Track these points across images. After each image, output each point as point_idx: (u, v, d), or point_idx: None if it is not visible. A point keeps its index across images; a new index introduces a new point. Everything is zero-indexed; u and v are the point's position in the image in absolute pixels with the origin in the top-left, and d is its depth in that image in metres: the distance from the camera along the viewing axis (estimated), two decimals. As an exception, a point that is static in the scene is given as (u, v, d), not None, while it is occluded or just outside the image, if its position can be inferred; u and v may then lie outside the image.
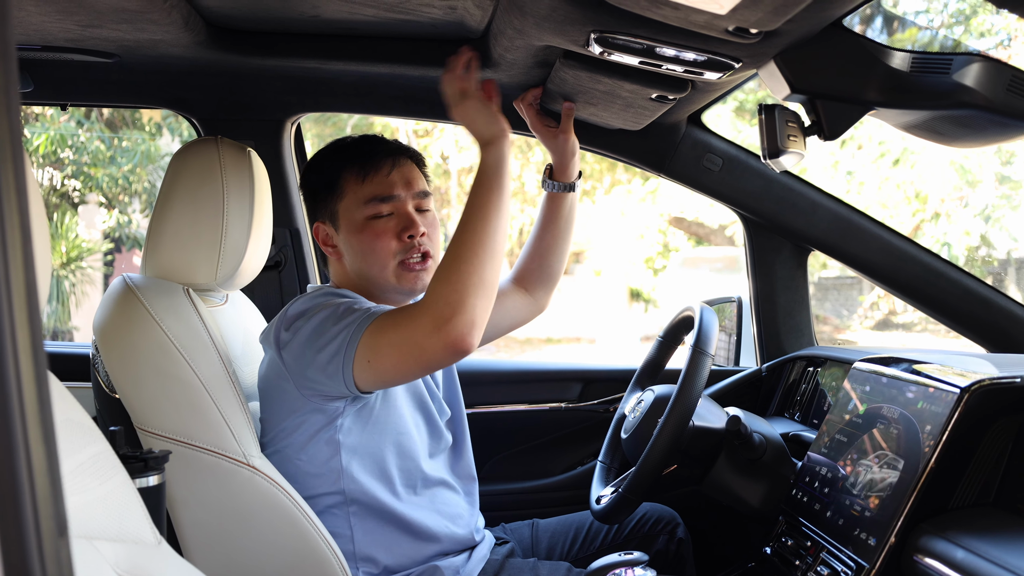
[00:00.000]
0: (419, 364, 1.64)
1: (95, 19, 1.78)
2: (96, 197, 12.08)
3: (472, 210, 1.67)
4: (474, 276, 1.60)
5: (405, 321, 1.61)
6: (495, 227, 1.66)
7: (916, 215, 12.04)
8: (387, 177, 1.85)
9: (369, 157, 1.86)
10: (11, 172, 0.53)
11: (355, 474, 1.78)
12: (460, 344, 1.57)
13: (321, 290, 1.85)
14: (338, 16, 1.88)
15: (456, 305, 1.57)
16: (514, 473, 2.65)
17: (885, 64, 1.58)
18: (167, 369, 1.69)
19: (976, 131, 1.64)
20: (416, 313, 1.60)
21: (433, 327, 1.57)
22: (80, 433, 1.15)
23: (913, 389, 1.64)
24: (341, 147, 1.91)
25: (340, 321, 1.67)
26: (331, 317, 1.68)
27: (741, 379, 2.59)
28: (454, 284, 1.58)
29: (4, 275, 0.52)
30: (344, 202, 1.85)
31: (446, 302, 1.57)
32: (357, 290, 1.87)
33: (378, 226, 1.83)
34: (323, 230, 1.90)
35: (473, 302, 1.58)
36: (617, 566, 1.61)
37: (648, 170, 2.49)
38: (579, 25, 1.58)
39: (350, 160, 1.87)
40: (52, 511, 0.55)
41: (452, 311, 1.57)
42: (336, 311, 1.69)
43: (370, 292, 1.87)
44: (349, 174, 1.85)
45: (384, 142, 1.91)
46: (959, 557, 1.35)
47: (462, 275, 1.59)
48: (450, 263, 1.62)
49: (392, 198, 1.84)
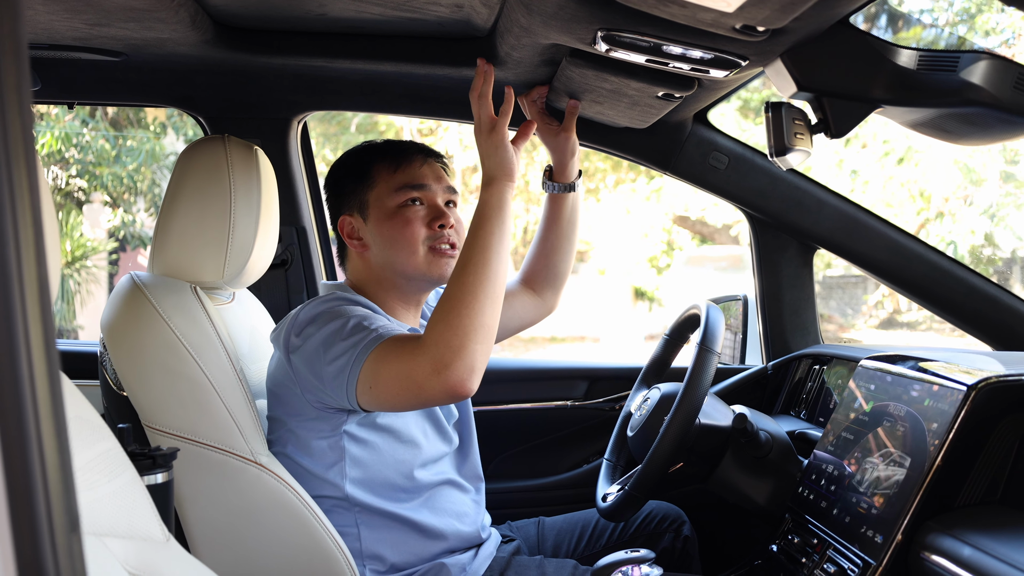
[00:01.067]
0: (417, 401, 1.64)
1: (103, 18, 1.79)
2: (101, 196, 12.10)
3: (471, 251, 1.66)
4: (474, 320, 1.59)
5: (406, 357, 1.60)
6: (494, 269, 1.65)
7: (920, 214, 12.03)
8: (419, 169, 1.89)
9: (401, 152, 1.91)
10: (24, 170, 0.53)
11: (359, 480, 1.78)
12: (459, 389, 1.57)
13: (334, 293, 1.84)
14: (344, 14, 1.88)
15: (457, 350, 1.56)
16: (520, 471, 2.65)
17: (892, 62, 1.58)
18: (175, 367, 1.69)
19: (983, 129, 1.64)
20: (417, 352, 1.59)
21: (432, 370, 1.56)
22: (89, 430, 1.15)
23: (919, 387, 1.64)
24: (372, 145, 1.96)
25: (348, 338, 1.66)
26: (340, 332, 1.67)
27: (747, 377, 2.59)
28: (454, 328, 1.57)
29: (17, 273, 0.52)
30: (376, 191, 1.87)
31: (447, 346, 1.56)
32: (380, 284, 1.88)
33: (409, 213, 1.85)
34: (349, 223, 1.90)
35: (473, 347, 1.58)
36: (623, 564, 1.61)
37: (654, 168, 2.49)
38: (586, 23, 1.58)
39: (382, 153, 1.91)
40: (64, 507, 0.56)
41: (452, 356, 1.56)
42: (345, 325, 1.68)
43: (395, 283, 1.88)
44: (381, 164, 1.89)
45: (415, 142, 1.96)
46: (966, 554, 1.35)
47: (462, 319, 1.58)
48: (450, 305, 1.61)
49: (423, 187, 1.87)
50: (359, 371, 1.62)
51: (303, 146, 2.59)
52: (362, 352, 1.62)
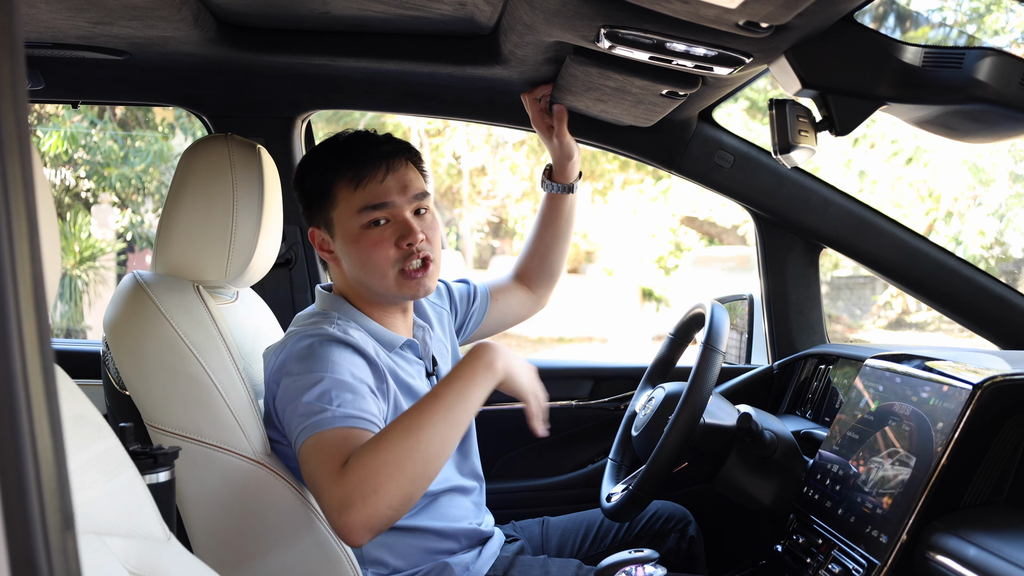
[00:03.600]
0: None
1: (105, 16, 1.79)
2: (109, 197, 12.13)
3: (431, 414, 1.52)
4: (401, 490, 1.46)
5: (325, 475, 1.49)
6: (443, 443, 1.52)
7: (929, 214, 12.00)
8: (381, 184, 1.76)
9: (362, 162, 1.77)
10: (18, 166, 0.53)
11: None
12: (348, 538, 1.46)
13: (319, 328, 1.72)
14: (348, 12, 1.88)
15: (367, 505, 1.43)
16: (525, 471, 2.64)
17: (897, 59, 1.58)
18: (177, 366, 1.69)
19: (988, 126, 1.63)
20: (334, 480, 1.47)
21: (337, 506, 1.45)
22: (90, 429, 1.15)
23: (925, 386, 1.63)
24: (332, 149, 1.83)
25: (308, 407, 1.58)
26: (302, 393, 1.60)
27: (752, 377, 2.58)
28: (378, 482, 1.44)
29: (11, 268, 0.52)
30: (338, 211, 1.78)
31: (360, 495, 1.44)
32: (358, 296, 1.84)
33: (374, 235, 1.76)
34: (319, 235, 1.84)
35: (383, 512, 1.45)
36: (627, 563, 1.61)
37: (659, 167, 2.48)
38: (589, 20, 1.57)
39: (343, 166, 1.78)
40: (59, 504, 0.55)
41: (359, 507, 1.43)
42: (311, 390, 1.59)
43: (371, 299, 1.83)
44: (342, 181, 1.77)
45: (376, 142, 1.81)
46: (971, 554, 1.34)
47: (391, 479, 1.45)
48: (383, 459, 1.46)
49: (387, 205, 1.76)
50: (300, 444, 1.56)
51: (307, 145, 2.59)
52: (309, 428, 1.55)
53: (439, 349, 1.99)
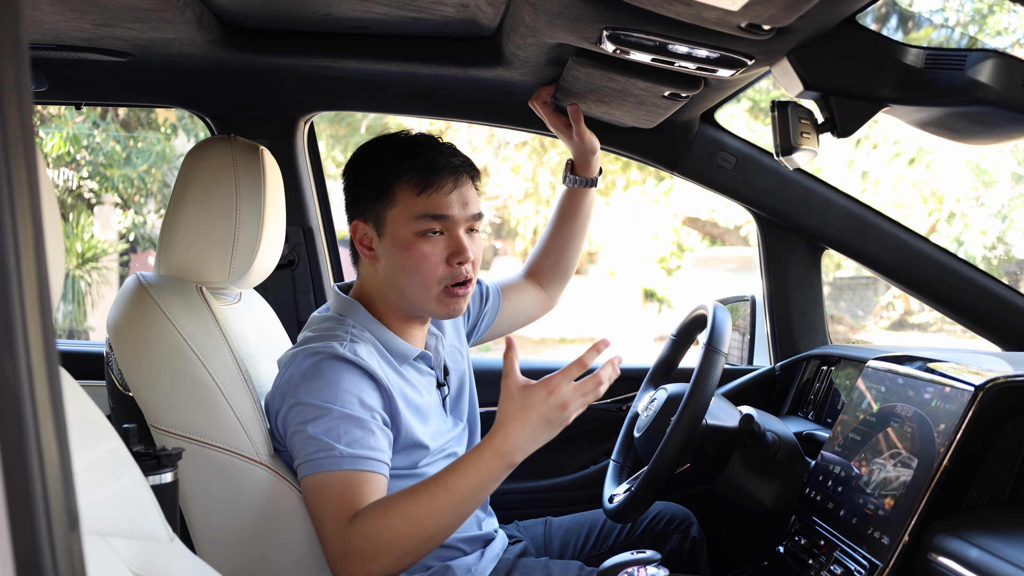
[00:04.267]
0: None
1: (109, 18, 1.79)
2: (112, 198, 12.13)
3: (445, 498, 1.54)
4: (401, 559, 1.52)
5: (329, 525, 1.54)
6: (452, 523, 1.56)
7: (932, 215, 11.98)
8: (447, 196, 1.72)
9: (432, 170, 1.73)
10: (23, 169, 0.53)
11: None
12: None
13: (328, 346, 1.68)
14: (350, 14, 1.88)
15: (368, 565, 1.50)
16: (527, 472, 2.63)
17: (899, 60, 1.58)
18: (180, 367, 1.69)
19: (990, 128, 1.63)
20: (339, 532, 1.53)
21: (339, 558, 1.51)
22: (93, 430, 1.15)
23: (927, 388, 1.63)
24: (399, 146, 1.79)
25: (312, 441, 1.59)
26: (307, 423, 1.61)
27: (755, 378, 2.58)
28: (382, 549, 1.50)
29: (16, 270, 0.52)
30: (394, 211, 1.73)
31: (362, 556, 1.50)
32: (387, 300, 1.79)
33: (427, 246, 1.72)
34: (363, 230, 1.79)
35: (382, 573, 1.52)
36: (629, 565, 1.60)
37: (661, 168, 2.48)
38: (591, 22, 1.58)
39: (411, 168, 1.74)
40: (64, 505, 0.55)
41: (361, 564, 1.50)
42: (316, 422, 1.60)
43: (399, 305, 1.79)
44: (407, 183, 1.73)
45: (447, 153, 1.77)
46: (973, 556, 1.34)
47: (395, 549, 1.51)
48: (394, 528, 1.51)
49: (447, 218, 1.72)
50: (304, 475, 1.60)
51: (310, 146, 2.59)
52: (315, 464, 1.58)
53: (452, 355, 1.98)
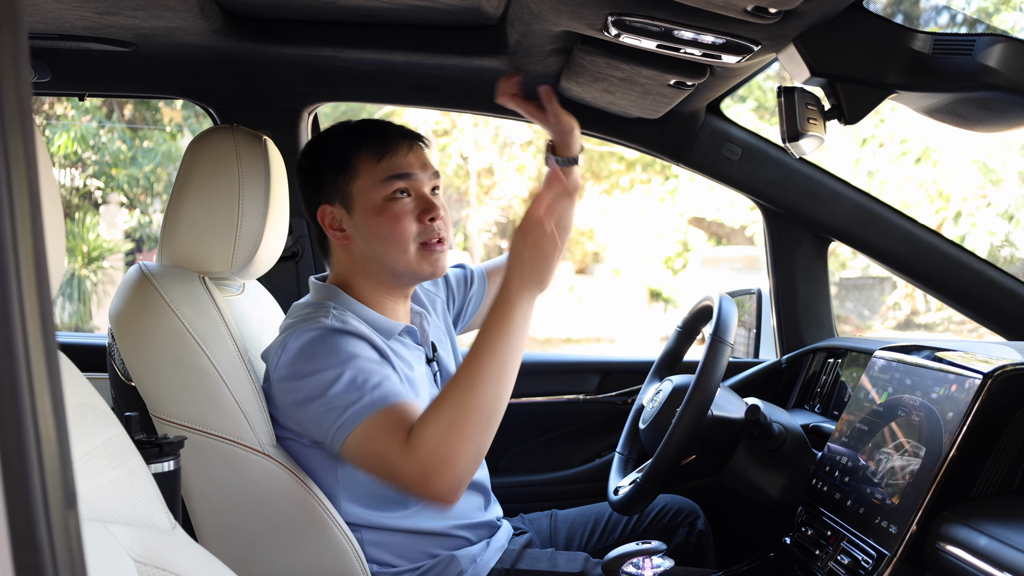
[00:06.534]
0: (394, 489, 1.61)
1: (111, 6, 1.78)
2: (117, 197, 12.18)
3: (481, 368, 1.54)
4: (473, 445, 1.51)
5: (394, 454, 1.52)
6: (503, 390, 1.55)
7: (939, 213, 11.97)
8: (405, 157, 1.78)
9: (386, 137, 1.80)
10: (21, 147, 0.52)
11: (359, 485, 1.75)
12: (439, 502, 1.52)
13: (317, 323, 1.69)
14: (354, 3, 1.88)
15: (448, 467, 1.49)
16: (533, 465, 2.64)
17: (906, 46, 1.56)
18: (183, 357, 1.68)
19: (999, 114, 1.61)
20: (405, 454, 1.51)
21: (417, 480, 1.50)
22: (95, 417, 1.14)
23: (934, 377, 1.61)
24: (350, 127, 1.85)
25: (340, 397, 1.59)
26: (332, 385, 1.60)
27: (761, 371, 2.57)
28: (450, 445, 1.49)
29: (13, 247, 0.51)
30: (359, 182, 1.77)
31: (437, 462, 1.49)
32: (367, 278, 1.81)
33: (397, 207, 1.75)
34: (331, 213, 1.80)
35: (464, 466, 1.50)
36: (634, 555, 1.60)
37: (666, 159, 2.47)
38: (596, 8, 1.57)
39: (366, 139, 1.79)
40: (61, 482, 0.54)
41: (441, 471, 1.49)
42: (338, 379, 1.60)
43: (381, 278, 1.81)
44: (364, 153, 1.77)
45: (397, 125, 1.85)
46: (982, 544, 1.33)
47: (461, 438, 1.50)
48: (448, 420, 1.51)
49: (411, 176, 1.77)
50: (345, 436, 1.57)
51: (314, 138, 2.58)
52: (351, 419, 1.57)
53: (437, 335, 1.98)
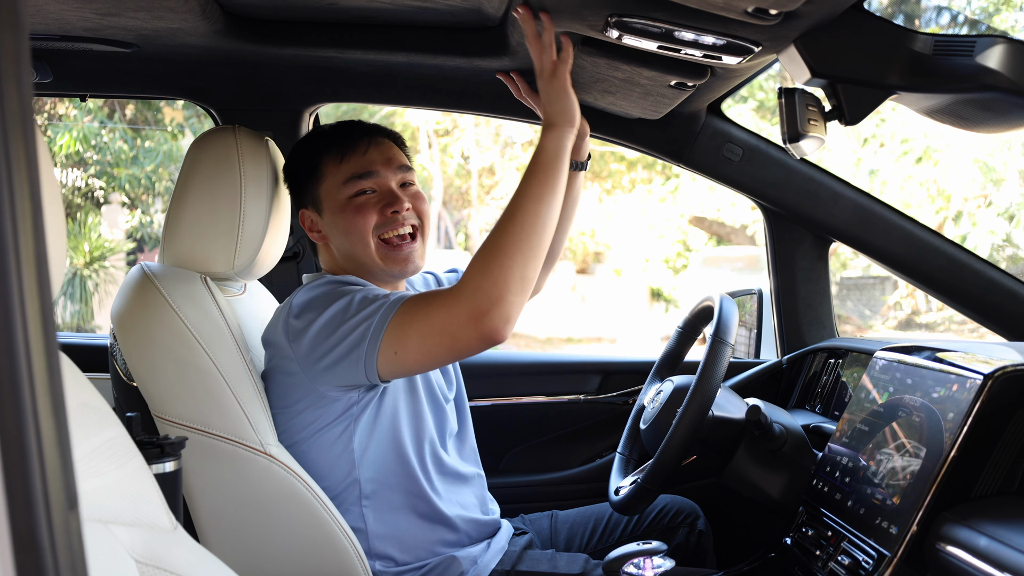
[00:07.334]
0: (449, 353, 1.62)
1: (113, 7, 1.78)
2: (119, 197, 12.17)
3: (522, 199, 1.62)
4: (516, 272, 1.56)
5: (439, 309, 1.58)
6: (545, 220, 1.61)
7: (939, 213, 11.96)
8: (365, 155, 1.84)
9: (345, 137, 1.86)
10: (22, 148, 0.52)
11: (371, 458, 1.77)
12: (495, 336, 1.56)
13: (322, 278, 1.81)
14: (356, 4, 1.88)
15: (495, 300, 1.54)
16: (533, 465, 2.64)
17: (907, 47, 1.56)
18: (184, 357, 1.69)
19: (1000, 115, 1.61)
20: (451, 302, 1.57)
21: (469, 319, 1.54)
22: (96, 417, 1.14)
23: (935, 377, 1.61)
24: (319, 133, 1.91)
25: (359, 312, 1.63)
26: (346, 307, 1.65)
27: (762, 371, 2.57)
28: (495, 279, 1.55)
29: (14, 246, 0.51)
30: (325, 185, 1.83)
31: (485, 296, 1.54)
32: (353, 273, 1.85)
33: (359, 202, 1.81)
34: (308, 216, 1.88)
35: (512, 298, 1.56)
36: (635, 555, 1.60)
37: (667, 160, 2.47)
38: (597, 9, 1.57)
39: (328, 143, 1.86)
40: (62, 483, 0.55)
41: (490, 305, 1.54)
42: (351, 301, 1.66)
43: (361, 275, 1.84)
44: (328, 156, 1.84)
45: (360, 124, 1.91)
46: (982, 545, 1.33)
47: (504, 270, 1.56)
48: (492, 254, 1.57)
49: (371, 174, 1.82)
50: (380, 339, 1.60)
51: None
52: (382, 319, 1.61)
53: None
